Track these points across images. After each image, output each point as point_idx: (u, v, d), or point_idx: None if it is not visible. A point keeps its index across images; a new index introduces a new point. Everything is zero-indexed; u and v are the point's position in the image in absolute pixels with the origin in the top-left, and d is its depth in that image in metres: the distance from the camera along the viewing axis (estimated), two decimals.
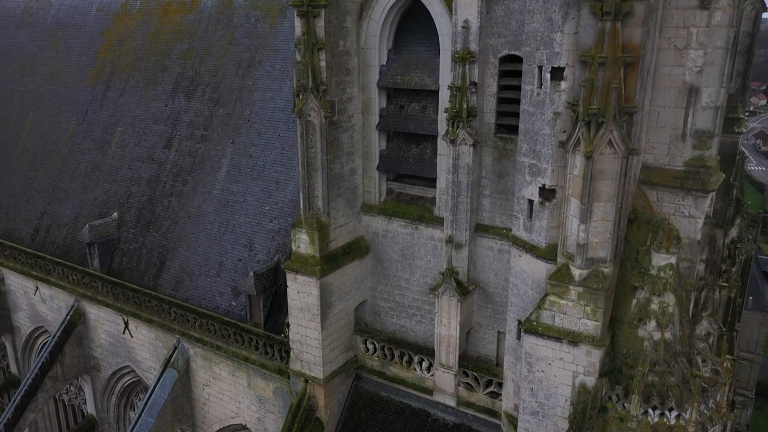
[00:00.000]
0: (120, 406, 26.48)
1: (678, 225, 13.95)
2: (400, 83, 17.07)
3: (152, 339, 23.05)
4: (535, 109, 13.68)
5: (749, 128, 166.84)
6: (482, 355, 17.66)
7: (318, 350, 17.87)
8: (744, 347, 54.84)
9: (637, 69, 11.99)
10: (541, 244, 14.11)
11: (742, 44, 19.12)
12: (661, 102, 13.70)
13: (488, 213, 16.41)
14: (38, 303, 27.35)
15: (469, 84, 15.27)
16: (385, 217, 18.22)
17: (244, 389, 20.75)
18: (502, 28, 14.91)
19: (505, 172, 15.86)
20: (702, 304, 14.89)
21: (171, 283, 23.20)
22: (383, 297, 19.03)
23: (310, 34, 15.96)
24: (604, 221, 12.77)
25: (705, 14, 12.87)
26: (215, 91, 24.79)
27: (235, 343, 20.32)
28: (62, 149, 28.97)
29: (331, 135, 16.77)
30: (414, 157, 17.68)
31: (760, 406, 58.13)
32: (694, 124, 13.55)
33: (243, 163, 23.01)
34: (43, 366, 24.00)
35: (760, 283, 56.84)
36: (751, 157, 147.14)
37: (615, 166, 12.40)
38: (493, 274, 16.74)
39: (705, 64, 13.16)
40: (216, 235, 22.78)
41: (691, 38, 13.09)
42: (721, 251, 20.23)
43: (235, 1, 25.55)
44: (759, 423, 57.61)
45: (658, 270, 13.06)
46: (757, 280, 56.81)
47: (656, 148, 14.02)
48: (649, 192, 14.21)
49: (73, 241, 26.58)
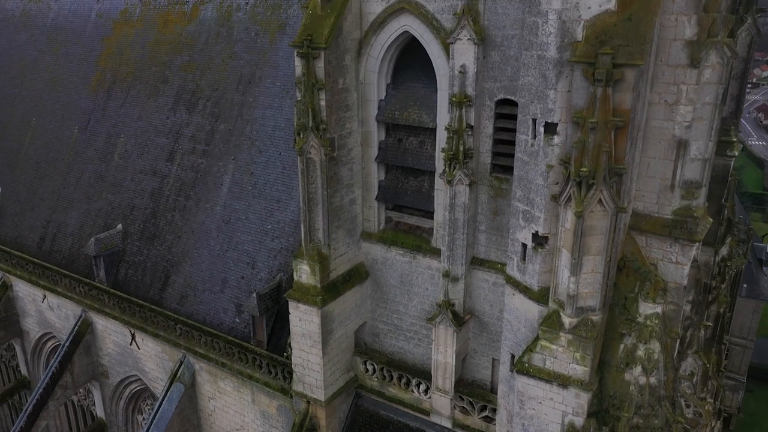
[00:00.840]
0: (128, 410, 27.41)
1: (665, 270, 14.49)
2: (398, 119, 17.42)
3: (158, 352, 23.81)
4: (529, 158, 14.09)
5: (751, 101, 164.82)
6: (477, 379, 18.38)
7: (319, 374, 18.59)
8: (737, 333, 55.96)
9: (627, 132, 12.39)
10: (534, 287, 14.66)
11: (737, 69, 19.39)
12: (651, 153, 14.10)
13: (484, 247, 16.93)
14: (46, 310, 28.08)
15: (466, 126, 15.64)
16: (383, 245, 18.75)
17: (248, 404, 21.57)
18: (498, 72, 15.23)
19: (500, 210, 16.34)
20: (688, 342, 15.52)
21: (176, 297, 23.85)
22: (382, 319, 19.68)
23: (310, 75, 16.27)
24: (593, 273, 13.30)
25: (695, 72, 13.20)
26: (216, 105, 25.07)
27: (240, 362, 21.06)
28: (65, 157, 29.35)
29: (331, 170, 17.19)
30: (412, 189, 18.13)
31: (752, 389, 59.45)
32: (682, 175, 13.98)
33: (244, 180, 23.44)
34: (53, 375, 24.83)
35: (755, 270, 57.47)
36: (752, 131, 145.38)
37: (605, 222, 12.88)
38: (488, 305, 17.35)
39: (694, 119, 13.53)
40: (219, 252, 23.34)
41: (681, 94, 13.43)
42: (712, 269, 20.81)
43: (234, 14, 25.65)
44: (750, 405, 59.00)
45: (644, 318, 13.65)
46: (753, 267, 57.38)
47: (646, 196, 14.47)
48: (639, 237, 14.70)
49: (78, 250, 27.17)
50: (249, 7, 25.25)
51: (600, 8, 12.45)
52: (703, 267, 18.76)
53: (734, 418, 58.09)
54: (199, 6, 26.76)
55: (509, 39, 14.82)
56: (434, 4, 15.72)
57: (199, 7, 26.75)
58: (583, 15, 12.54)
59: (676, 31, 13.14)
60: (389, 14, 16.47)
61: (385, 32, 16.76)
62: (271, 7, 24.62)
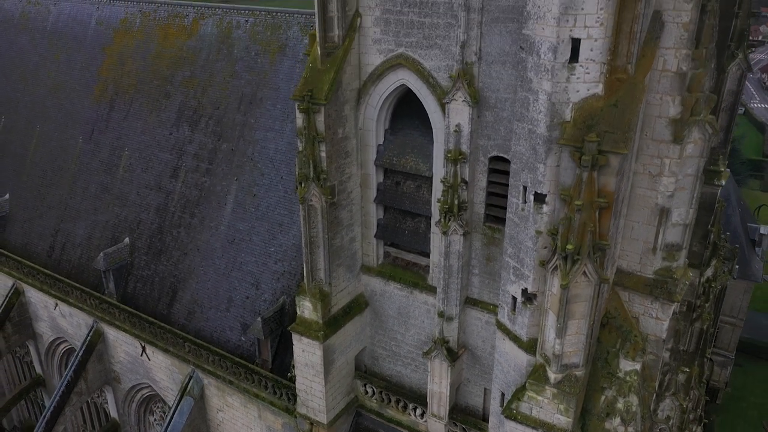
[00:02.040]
0: (140, 411, 28.84)
1: (646, 324, 15.43)
2: (396, 165, 18.08)
3: (168, 364, 25.01)
4: (519, 221, 14.85)
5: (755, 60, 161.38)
6: (470, 405, 19.55)
7: (322, 400, 19.77)
8: (728, 312, 57.55)
9: (611, 211, 13.12)
10: (523, 337, 15.61)
11: (727, 101, 19.97)
12: (635, 218, 14.85)
13: (477, 289, 17.84)
14: (58, 317, 29.20)
15: (461, 181, 16.34)
16: (382, 279, 19.65)
17: (255, 419, 22.88)
18: (491, 131, 15.85)
19: (493, 257, 17.17)
20: (666, 385, 16.60)
21: (184, 313, 24.92)
22: (381, 345, 20.75)
23: (310, 128, 16.87)
24: (577, 335, 14.24)
25: (678, 147, 13.84)
26: (218, 124, 25.59)
27: (246, 381, 22.26)
28: (71, 167, 29.98)
29: (331, 215, 17.95)
30: (409, 230, 18.91)
31: (741, 363, 61.24)
32: (664, 239, 14.76)
33: (247, 201, 24.18)
34: (68, 383, 26.12)
35: (747, 252, 58.34)
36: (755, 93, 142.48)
37: (588, 291, 13.74)
38: (481, 341, 18.37)
39: (676, 189, 14.24)
40: (224, 271, 24.27)
41: (664, 167, 14.10)
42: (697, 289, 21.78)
43: (234, 31, 25.90)
44: (738, 379, 60.90)
45: (624, 374, 14.67)
46: (745, 249, 58.24)
47: (630, 256, 15.28)
48: (622, 293, 15.58)
49: (88, 261, 28.10)
50: (249, 25, 25.49)
51: (588, 92, 13.03)
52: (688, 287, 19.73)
53: (722, 392, 60.29)
54: (199, 21, 26.96)
55: (503, 101, 15.39)
56: (431, 62, 16.20)
57: (199, 21, 26.95)
58: (572, 98, 13.11)
59: (660, 109, 13.72)
60: (387, 68, 16.94)
61: (384, 84, 17.26)
62: (270, 27, 24.88)
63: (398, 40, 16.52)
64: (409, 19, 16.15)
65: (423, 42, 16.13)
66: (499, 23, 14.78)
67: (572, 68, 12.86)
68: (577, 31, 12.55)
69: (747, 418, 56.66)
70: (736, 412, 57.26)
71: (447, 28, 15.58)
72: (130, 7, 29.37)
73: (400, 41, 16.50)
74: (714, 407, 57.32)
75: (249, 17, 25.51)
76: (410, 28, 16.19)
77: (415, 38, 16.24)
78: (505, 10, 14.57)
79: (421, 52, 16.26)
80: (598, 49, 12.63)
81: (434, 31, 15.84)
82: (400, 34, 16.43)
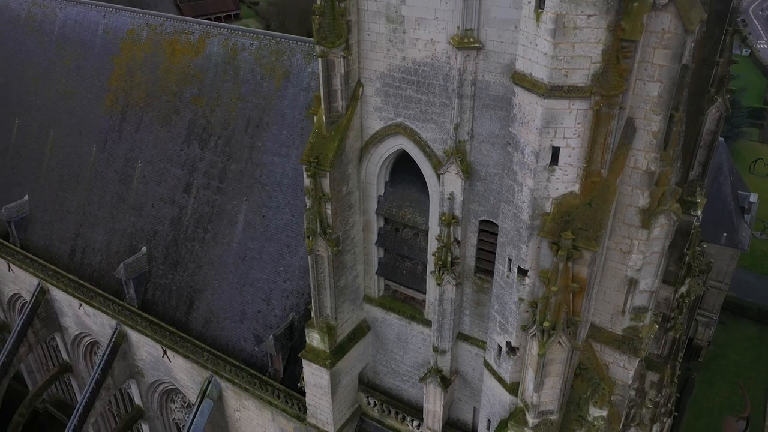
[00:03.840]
0: (162, 400, 31.59)
1: (615, 371, 17.55)
2: (395, 216, 19.76)
3: (188, 367, 27.43)
4: (505, 285, 16.74)
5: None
6: (461, 419, 22.01)
7: (330, 414, 22.21)
8: (714, 277, 60.11)
9: (583, 293, 14.99)
10: (507, 380, 17.79)
11: (705, 140, 21.54)
12: (607, 285, 16.69)
13: (468, 326, 19.91)
14: (83, 315, 31.45)
15: (453, 240, 18.12)
16: (383, 309, 21.68)
17: (269, 421, 25.47)
18: (482, 199, 17.48)
19: (482, 302, 19.14)
20: (631, 417, 18.92)
21: (201, 321, 27.12)
22: (382, 363, 23.02)
23: (317, 189, 18.45)
24: (553, 389, 16.39)
25: (646, 232, 15.56)
26: (227, 144, 26.98)
27: (260, 389, 24.69)
28: (87, 174, 31.49)
29: (337, 261, 19.78)
30: (407, 270, 20.78)
31: (724, 321, 64.24)
32: (632, 303, 16.68)
33: (257, 222, 25.92)
34: (97, 380, 28.67)
35: (736, 220, 60.06)
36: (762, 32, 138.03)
37: (563, 356, 15.78)
38: (471, 369, 20.60)
39: (644, 264, 16.01)
40: (237, 286, 26.30)
41: (633, 246, 15.82)
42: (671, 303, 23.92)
43: (240, 53, 26.87)
44: (721, 337, 64.00)
45: (593, 419, 16.92)
46: (733, 217, 59.94)
47: (602, 315, 17.21)
48: (595, 344, 17.60)
49: (108, 266, 30.10)
50: (254, 48, 26.46)
51: (566, 190, 14.63)
52: (663, 301, 21.87)
53: (704, 350, 63.67)
54: (205, 39, 27.84)
55: (492, 175, 16.95)
56: (427, 134, 17.63)
57: (205, 40, 27.84)
58: (552, 194, 14.72)
59: (631, 199, 15.30)
60: (387, 133, 18.34)
61: (384, 146, 18.71)
62: (275, 52, 25.88)
63: (397, 110, 17.88)
64: (407, 94, 17.47)
65: (420, 115, 17.51)
66: (490, 109, 16.17)
67: (552, 170, 14.42)
68: (557, 140, 14.04)
69: (725, 375, 60.03)
70: (716, 369, 60.59)
71: (442, 107, 16.94)
72: (136, 19, 30.10)
73: (399, 112, 17.86)
74: (696, 365, 60.82)
75: (254, 40, 26.44)
76: (408, 102, 17.54)
77: (413, 111, 17.60)
78: (495, 98, 15.94)
79: (418, 123, 17.66)
80: (575, 155, 14.17)
81: (430, 107, 17.20)
82: (399, 106, 17.78)
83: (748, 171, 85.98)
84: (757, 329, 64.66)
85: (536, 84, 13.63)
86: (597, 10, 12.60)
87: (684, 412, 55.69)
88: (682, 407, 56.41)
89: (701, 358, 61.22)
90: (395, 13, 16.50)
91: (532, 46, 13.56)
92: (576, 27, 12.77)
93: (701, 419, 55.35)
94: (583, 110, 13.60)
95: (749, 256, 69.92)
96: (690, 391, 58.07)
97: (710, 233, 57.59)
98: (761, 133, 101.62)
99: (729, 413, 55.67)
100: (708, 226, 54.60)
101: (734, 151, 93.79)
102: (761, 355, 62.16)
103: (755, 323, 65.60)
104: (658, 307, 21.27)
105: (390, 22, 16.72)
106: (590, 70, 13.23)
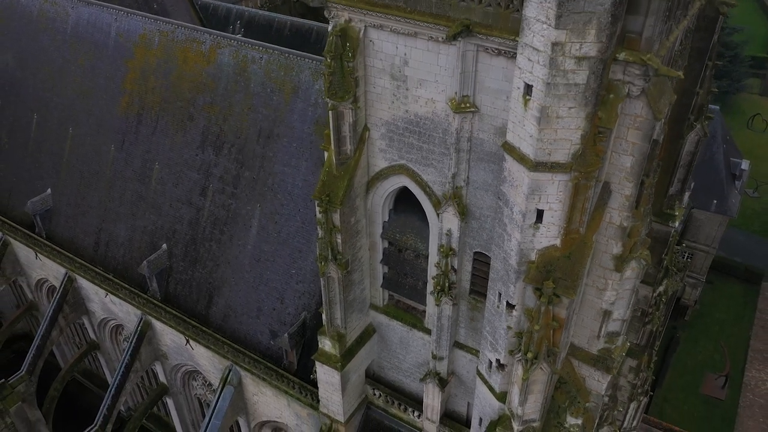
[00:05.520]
0: (185, 378, 34.56)
1: (590, 383, 20.12)
2: (398, 240, 21.89)
3: (210, 355, 30.14)
4: (495, 313, 19.07)
5: None
6: (456, 411, 24.84)
7: (340, 406, 25.02)
8: (702, 241, 62.60)
9: (562, 330, 17.34)
10: (496, 389, 20.40)
11: (685, 160, 23.50)
12: (585, 314, 18.99)
13: (463, 337, 22.39)
14: (109, 303, 33.99)
15: (451, 268, 20.35)
16: (387, 316, 24.10)
17: (285, 406, 28.38)
18: (476, 234, 19.58)
19: (476, 318, 21.54)
20: (604, 418, 21.64)
21: (220, 315, 29.65)
22: (386, 359, 25.66)
23: (328, 222, 20.50)
24: (535, 402, 18.99)
25: (618, 274, 17.77)
26: (240, 153, 28.75)
27: (276, 380, 27.46)
28: (107, 172, 33.33)
29: (346, 280, 22.06)
30: (409, 285, 23.06)
31: (711, 280, 67.09)
32: (606, 329, 19.07)
33: (270, 227, 28.02)
34: (126, 365, 31.49)
35: (726, 187, 61.79)
36: None
37: (544, 378, 18.27)
38: (466, 371, 23.22)
39: (617, 299, 18.31)
40: (253, 285, 28.67)
41: (607, 285, 18.02)
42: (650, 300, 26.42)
43: (250, 66, 28.25)
44: (708, 296, 66.90)
45: (569, 426, 19.63)
46: (724, 184, 61.65)
47: (580, 337, 19.60)
48: (573, 361, 20.10)
49: (131, 260, 32.41)
50: (263, 62, 27.84)
51: (549, 243, 16.71)
52: (642, 299, 24.35)
53: (690, 309, 66.78)
54: (216, 49, 29.14)
55: (485, 216, 19.00)
56: (427, 176, 19.54)
57: (216, 50, 29.14)
58: (536, 246, 16.81)
59: (607, 247, 17.39)
60: (391, 172, 20.25)
61: (388, 182, 20.60)
62: (284, 67, 27.29)
63: (401, 153, 19.73)
64: (409, 141, 19.29)
65: (421, 160, 19.38)
66: (484, 162, 18.07)
67: (537, 227, 16.47)
68: (542, 204, 16.03)
69: (709, 333, 63.22)
70: (701, 327, 63.77)
71: (441, 155, 18.79)
72: (147, 24, 31.22)
73: (402, 155, 19.71)
74: (682, 323, 64.05)
75: (263, 54, 27.78)
76: (411, 147, 19.37)
77: (414, 156, 19.46)
78: (488, 153, 17.82)
79: (419, 167, 19.54)
80: (557, 216, 16.18)
81: (430, 154, 19.06)
82: (402, 150, 19.62)
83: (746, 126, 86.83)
84: (743, 288, 67.37)
85: (523, 158, 15.52)
86: (577, 103, 14.37)
87: (667, 370, 59.27)
88: (666, 365, 60.03)
89: (687, 317, 64.29)
90: (399, 72, 18.13)
91: (520, 125, 15.37)
92: (558, 116, 14.57)
93: (684, 376, 58.84)
94: (564, 181, 15.54)
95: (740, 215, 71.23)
96: (675, 349, 61.47)
97: (701, 200, 59.56)
98: (762, 84, 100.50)
99: (710, 371, 59.23)
100: (699, 193, 56.42)
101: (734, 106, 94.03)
102: (744, 314, 65.10)
103: (741, 282, 68.10)
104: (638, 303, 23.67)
105: (394, 79, 18.36)
106: (570, 150, 15.09)
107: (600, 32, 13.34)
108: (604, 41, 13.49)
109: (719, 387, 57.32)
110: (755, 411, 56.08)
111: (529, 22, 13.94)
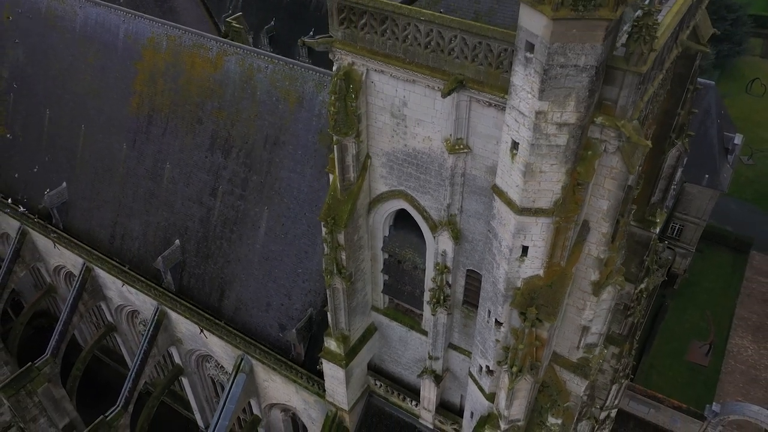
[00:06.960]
0: (199, 361, 37.01)
1: (571, 386, 22.36)
2: (398, 254, 23.75)
3: (223, 344, 32.41)
4: (485, 326, 21.11)
5: None
6: (451, 401, 27.23)
7: (344, 397, 27.41)
8: (693, 214, 64.43)
9: (544, 347, 19.40)
10: (486, 390, 22.65)
11: (666, 173, 25.23)
12: (566, 328, 21.05)
13: (457, 340, 24.53)
14: (125, 292, 36.08)
15: (446, 284, 22.31)
16: (387, 317, 26.21)
17: (293, 393, 30.81)
18: (469, 254, 21.45)
19: (468, 324, 23.62)
20: (583, 413, 23.98)
21: (232, 308, 31.77)
22: (386, 354, 27.90)
23: (333, 241, 22.34)
24: (520, 406, 21.25)
25: (596, 297, 19.73)
26: (248, 157, 30.27)
27: (285, 370, 29.79)
28: (120, 169, 34.87)
29: (350, 290, 24.04)
30: (408, 292, 25.03)
31: (701, 249, 69.18)
32: (585, 342, 21.17)
33: (277, 229, 29.82)
34: (145, 351, 33.85)
35: (719, 161, 62.96)
36: None
37: (528, 386, 20.48)
38: (459, 369, 25.47)
39: (594, 317, 20.34)
40: (262, 281, 30.66)
41: (586, 306, 20.02)
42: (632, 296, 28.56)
43: (256, 74, 29.47)
44: (698, 265, 69.04)
45: (550, 425, 21.97)
46: (716, 159, 62.92)
47: (562, 347, 21.71)
48: (556, 366, 22.31)
49: (146, 253, 34.32)
50: (269, 71, 29.07)
51: (533, 273, 18.58)
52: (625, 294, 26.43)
53: (680, 278, 69.05)
54: (222, 56, 30.28)
55: (477, 240, 20.83)
56: (425, 202, 21.23)
57: (222, 57, 30.28)
58: (522, 275, 18.67)
59: (586, 274, 19.30)
60: (391, 196, 21.94)
61: (388, 204, 22.29)
62: (288, 77, 28.55)
63: (400, 180, 21.37)
64: (408, 171, 20.91)
65: (419, 188, 21.05)
66: (476, 194, 19.77)
67: (522, 260, 18.31)
68: (527, 242, 17.81)
69: (697, 301, 65.61)
70: (689, 296, 66.14)
71: (437, 185, 20.45)
72: (155, 27, 32.20)
73: (401, 182, 21.36)
74: (671, 292, 66.43)
75: (269, 63, 28.97)
76: (409, 176, 21.01)
77: (413, 183, 21.12)
78: (480, 188, 19.50)
79: (417, 193, 21.22)
80: (540, 252, 18.00)
81: (427, 184, 20.72)
82: (402, 178, 21.26)
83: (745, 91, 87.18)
84: (732, 257, 69.33)
85: (511, 203, 17.22)
86: (558, 161, 16.00)
87: (655, 337, 61.95)
88: (654, 332, 62.72)
89: (676, 286, 66.55)
90: (398, 111, 19.62)
91: (508, 174, 17.01)
92: (542, 171, 16.21)
93: (670, 343, 61.54)
94: (546, 224, 17.26)
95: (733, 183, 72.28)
96: (663, 317, 64.01)
97: (693, 174, 61.01)
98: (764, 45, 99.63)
99: (696, 338, 61.97)
100: (691, 167, 57.75)
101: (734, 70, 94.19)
102: (732, 282, 67.26)
103: (731, 251, 69.95)
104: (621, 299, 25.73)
105: (394, 117, 19.87)
106: (552, 198, 16.77)
107: (579, 104, 14.86)
108: (582, 111, 15.02)
109: (703, 354, 60.05)
110: (736, 377, 59.01)
111: (516, 89, 15.44)
